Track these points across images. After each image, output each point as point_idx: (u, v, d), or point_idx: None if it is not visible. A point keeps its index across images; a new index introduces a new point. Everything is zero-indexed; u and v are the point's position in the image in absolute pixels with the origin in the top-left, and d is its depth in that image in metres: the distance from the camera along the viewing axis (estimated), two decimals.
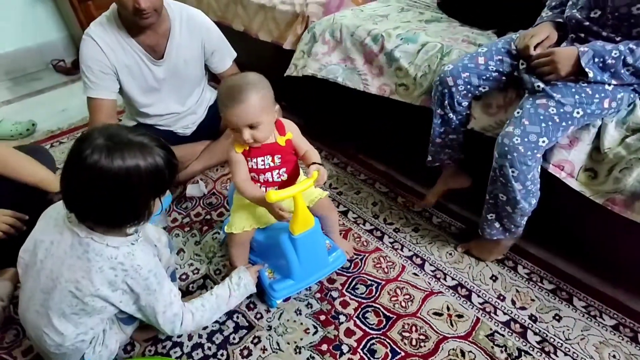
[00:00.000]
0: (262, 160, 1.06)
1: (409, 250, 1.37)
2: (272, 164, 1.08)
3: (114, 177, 0.77)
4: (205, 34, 1.54)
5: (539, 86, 1.02)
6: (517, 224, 1.15)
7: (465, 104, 1.16)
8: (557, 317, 1.16)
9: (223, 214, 1.54)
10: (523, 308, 1.18)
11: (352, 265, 1.32)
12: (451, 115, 1.20)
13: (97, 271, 0.84)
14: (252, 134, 0.99)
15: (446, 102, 1.16)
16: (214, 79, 1.80)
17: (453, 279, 1.27)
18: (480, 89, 1.15)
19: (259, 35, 1.87)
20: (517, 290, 1.23)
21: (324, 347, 1.11)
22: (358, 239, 1.42)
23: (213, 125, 1.76)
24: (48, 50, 2.76)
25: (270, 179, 1.10)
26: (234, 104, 0.95)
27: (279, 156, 1.08)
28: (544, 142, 0.99)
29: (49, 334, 0.89)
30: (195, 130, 1.75)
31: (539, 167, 1.04)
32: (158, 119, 1.62)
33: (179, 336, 1.14)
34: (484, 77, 1.14)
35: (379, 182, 1.67)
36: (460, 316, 1.17)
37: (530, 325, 1.14)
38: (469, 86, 1.14)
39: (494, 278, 1.27)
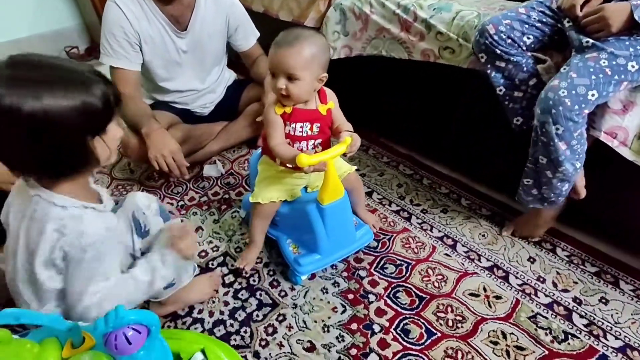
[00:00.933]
0: (300, 127, 1.00)
1: (439, 231, 1.30)
2: (309, 132, 1.02)
3: (27, 120, 0.63)
4: (230, 9, 1.50)
5: (587, 42, 0.95)
6: (557, 191, 1.07)
7: (514, 51, 1.07)
8: (603, 301, 1.08)
9: (242, 193, 1.48)
10: (565, 290, 1.11)
11: (380, 245, 1.25)
12: (513, 59, 1.08)
13: (42, 233, 0.71)
14: (287, 86, 0.93)
15: (497, 51, 1.06)
16: (231, 63, 1.76)
17: (488, 260, 1.20)
18: (524, 39, 1.07)
19: (279, 15, 1.82)
20: (558, 273, 1.15)
21: (354, 326, 1.04)
22: (384, 220, 1.35)
23: (231, 106, 1.71)
24: (62, 37, 2.73)
25: (305, 149, 1.04)
26: (283, 46, 0.92)
27: (318, 125, 1.02)
28: (593, 95, 0.91)
29: (29, 308, 0.78)
30: (213, 110, 1.70)
31: (586, 125, 0.97)
32: (177, 95, 1.57)
33: (200, 311, 1.08)
34: (527, 25, 1.06)
35: (402, 165, 1.60)
36: (498, 297, 1.09)
37: (575, 308, 1.06)
38: (512, 33, 1.05)
39: (531, 260, 1.19)
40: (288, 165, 1.05)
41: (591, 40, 0.95)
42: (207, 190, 1.51)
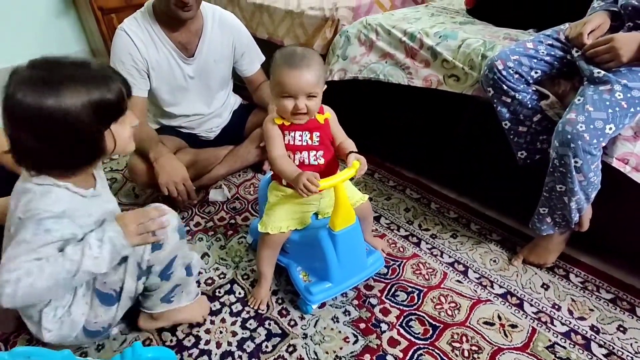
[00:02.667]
0: (299, 135, 1.00)
1: (449, 256, 1.28)
2: (309, 142, 1.01)
3: (47, 118, 0.70)
4: (237, 35, 1.52)
5: (599, 72, 0.96)
6: (570, 218, 1.07)
7: (522, 87, 1.09)
8: (621, 329, 1.05)
9: (248, 218, 1.47)
10: (582, 318, 1.08)
11: (390, 272, 1.23)
12: (518, 96, 1.09)
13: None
14: (307, 104, 0.95)
15: (504, 87, 1.08)
16: (237, 88, 1.77)
17: (501, 286, 1.18)
18: (532, 73, 1.08)
19: (284, 41, 1.85)
20: (573, 300, 1.13)
21: (367, 357, 1.00)
22: (393, 245, 1.33)
23: (237, 131, 1.71)
24: None
25: (307, 161, 1.02)
26: (298, 68, 0.92)
27: (317, 134, 1.02)
28: (610, 129, 0.92)
29: None
30: (219, 135, 1.70)
31: (601, 156, 0.98)
32: (183, 120, 1.58)
33: (207, 342, 1.04)
34: (535, 59, 1.07)
35: (409, 189, 1.60)
36: (514, 326, 1.07)
37: (593, 337, 1.03)
38: (520, 68, 1.07)
39: (545, 286, 1.17)
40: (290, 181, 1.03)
41: (602, 72, 0.97)
42: (213, 215, 1.49)
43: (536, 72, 1.09)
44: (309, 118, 0.99)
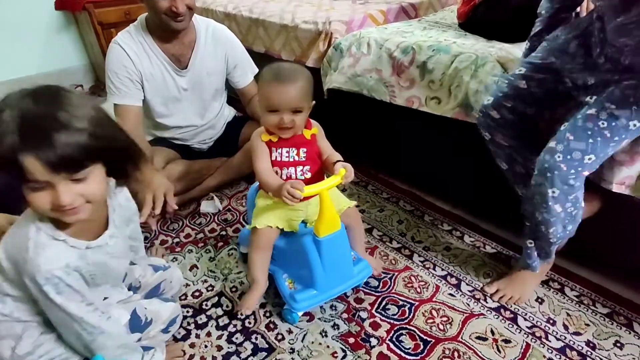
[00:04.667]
0: (287, 152, 1.01)
1: (442, 269, 1.26)
2: (296, 158, 1.01)
3: None
4: (230, 47, 1.54)
5: (591, 98, 0.94)
6: (548, 250, 1.05)
7: (516, 132, 1.06)
8: (618, 345, 1.02)
9: (239, 230, 1.45)
10: (577, 333, 1.05)
11: (381, 285, 1.21)
12: (514, 143, 1.07)
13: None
14: (292, 119, 0.95)
15: (500, 135, 1.06)
16: (231, 99, 1.78)
17: (494, 300, 1.15)
18: (527, 111, 1.05)
19: (281, 55, 1.87)
20: (568, 314, 1.10)
21: None
22: (385, 257, 1.31)
23: (231, 142, 1.71)
24: (67, 76, 2.80)
25: (293, 176, 1.02)
26: (284, 83, 0.93)
27: (305, 150, 1.02)
28: (590, 159, 0.88)
29: None
30: (212, 147, 1.71)
31: (583, 187, 0.94)
32: (176, 131, 1.58)
33: (191, 357, 1.01)
34: (529, 96, 1.04)
35: (403, 200, 1.58)
36: (507, 341, 1.04)
37: (589, 353, 1.00)
38: (515, 112, 1.04)
39: (540, 300, 1.14)
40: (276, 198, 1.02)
41: (595, 97, 0.93)
42: (204, 227, 1.48)
43: (531, 109, 1.05)
44: (294, 133, 1.00)
